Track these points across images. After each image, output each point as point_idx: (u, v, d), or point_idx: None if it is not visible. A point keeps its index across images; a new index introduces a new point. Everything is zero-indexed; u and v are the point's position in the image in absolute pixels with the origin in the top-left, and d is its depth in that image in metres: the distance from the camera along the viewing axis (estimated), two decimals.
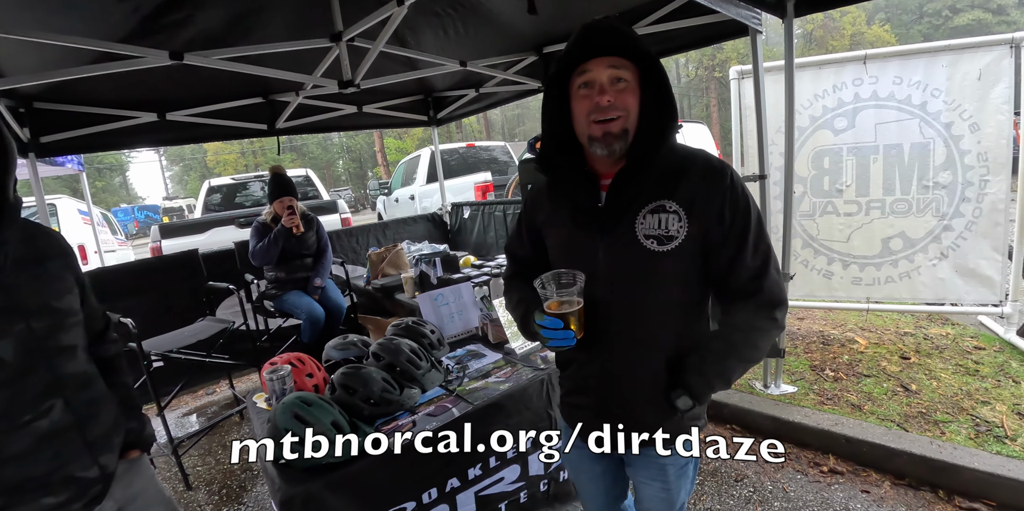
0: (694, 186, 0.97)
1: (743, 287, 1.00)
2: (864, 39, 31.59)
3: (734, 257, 0.98)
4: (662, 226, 0.97)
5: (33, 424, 0.92)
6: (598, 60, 0.95)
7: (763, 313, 1.00)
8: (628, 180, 0.99)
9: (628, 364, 1.07)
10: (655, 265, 0.99)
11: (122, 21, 2.21)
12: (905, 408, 2.50)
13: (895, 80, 3.23)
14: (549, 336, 0.98)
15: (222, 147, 32.04)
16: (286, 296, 3.20)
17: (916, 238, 3.28)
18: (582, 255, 1.04)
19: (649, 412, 1.07)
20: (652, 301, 1.03)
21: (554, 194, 1.12)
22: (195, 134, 3.73)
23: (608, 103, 0.94)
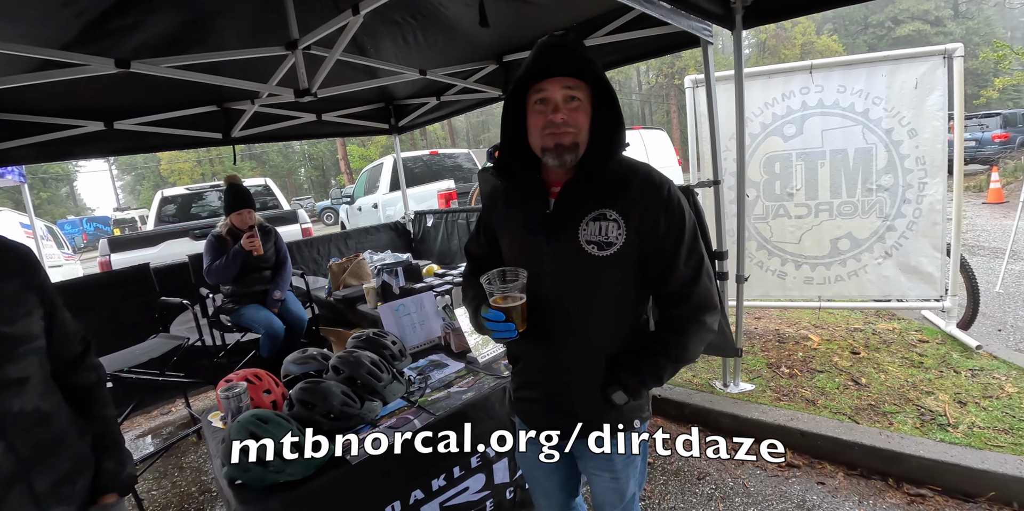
0: (634, 197, 1.05)
1: (676, 292, 1.08)
2: (814, 48, 33.15)
3: (668, 264, 1.06)
4: (602, 233, 1.05)
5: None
6: (554, 80, 1.02)
7: (694, 317, 1.08)
8: (575, 190, 1.07)
9: (571, 360, 1.13)
10: (595, 269, 1.06)
11: (65, 27, 2.12)
12: (856, 401, 2.61)
13: (839, 89, 3.39)
14: (492, 328, 1.05)
15: (177, 155, 30.95)
16: (243, 310, 3.10)
17: (862, 238, 3.44)
18: (530, 257, 1.11)
19: (591, 405, 1.13)
20: (593, 302, 1.10)
21: (508, 200, 1.20)
22: (146, 143, 3.60)
23: (561, 120, 1.02)
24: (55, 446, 0.92)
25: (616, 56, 3.08)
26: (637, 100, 38.15)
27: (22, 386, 0.88)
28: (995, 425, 2.30)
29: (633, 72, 37.52)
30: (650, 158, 7.62)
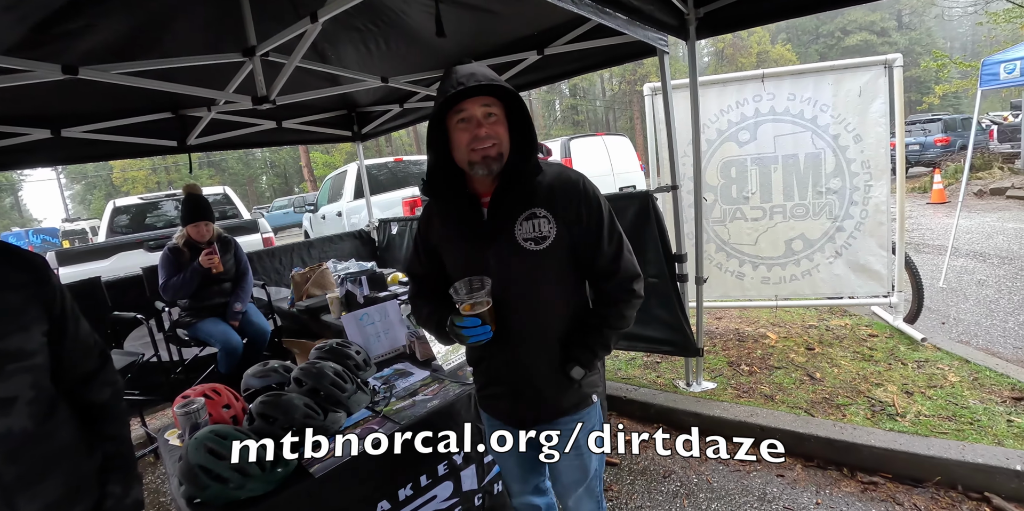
0: (556, 194, 1.19)
1: (605, 269, 1.23)
2: (769, 57, 34.47)
3: (594, 245, 1.21)
4: (536, 229, 1.18)
5: None
6: (472, 100, 1.12)
7: (624, 286, 1.24)
8: (504, 195, 1.19)
9: (530, 351, 1.24)
10: (536, 263, 1.19)
11: (6, 31, 2.03)
12: (811, 395, 2.72)
13: (789, 96, 3.54)
14: (470, 333, 1.14)
15: (130, 163, 29.76)
16: (200, 324, 2.99)
17: (814, 239, 3.58)
18: (475, 264, 1.21)
19: (553, 388, 1.26)
20: (539, 293, 1.22)
21: (442, 216, 1.28)
22: (97, 152, 3.47)
23: (485, 134, 1.13)
24: (44, 471, 0.86)
25: (576, 64, 3.14)
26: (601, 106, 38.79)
27: (9, 407, 0.82)
28: (939, 413, 2.42)
29: (597, 79, 38.16)
30: (613, 164, 7.74)
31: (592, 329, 1.24)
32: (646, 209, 2.62)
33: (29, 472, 0.84)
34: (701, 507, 2.12)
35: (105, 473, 0.97)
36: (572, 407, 1.27)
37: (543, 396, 1.26)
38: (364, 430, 1.61)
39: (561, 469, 1.33)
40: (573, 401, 1.27)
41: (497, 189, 1.19)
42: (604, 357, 1.31)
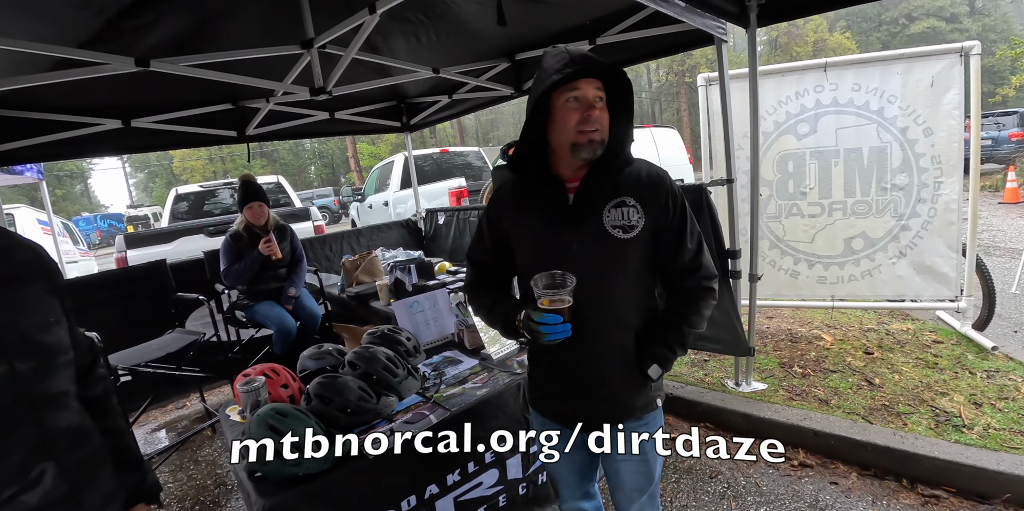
0: (643, 186, 1.18)
1: (687, 265, 1.21)
2: (826, 46, 32.75)
3: (678, 241, 1.19)
4: (625, 217, 1.16)
5: (20, 498, 0.71)
6: (587, 81, 1.10)
7: (704, 284, 1.22)
8: (596, 181, 1.17)
9: (606, 345, 1.20)
10: (622, 251, 1.16)
11: (83, 26, 2.15)
12: (869, 401, 2.60)
13: (854, 87, 3.36)
14: (549, 331, 1.09)
15: (189, 153, 31.18)
16: (257, 306, 3.13)
17: (876, 238, 3.41)
18: (554, 249, 1.18)
19: (624, 387, 1.22)
20: (620, 285, 1.19)
21: (520, 197, 1.24)
22: (162, 141, 3.65)
23: (596, 116, 1.10)
24: (97, 465, 0.86)
25: (628, 54, 3.07)
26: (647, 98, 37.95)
27: (65, 401, 0.81)
28: (1011, 426, 2.27)
29: (643, 70, 37.30)
30: (661, 156, 7.58)
31: (671, 327, 1.21)
32: (699, 203, 2.55)
33: (87, 466, 0.83)
34: (749, 510, 2.06)
35: (116, 464, 0.94)
36: (640, 409, 1.23)
37: (614, 395, 1.22)
38: (415, 415, 1.64)
39: (625, 476, 1.29)
40: (643, 403, 1.24)
41: (588, 174, 1.17)
42: (679, 357, 1.26)
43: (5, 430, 0.72)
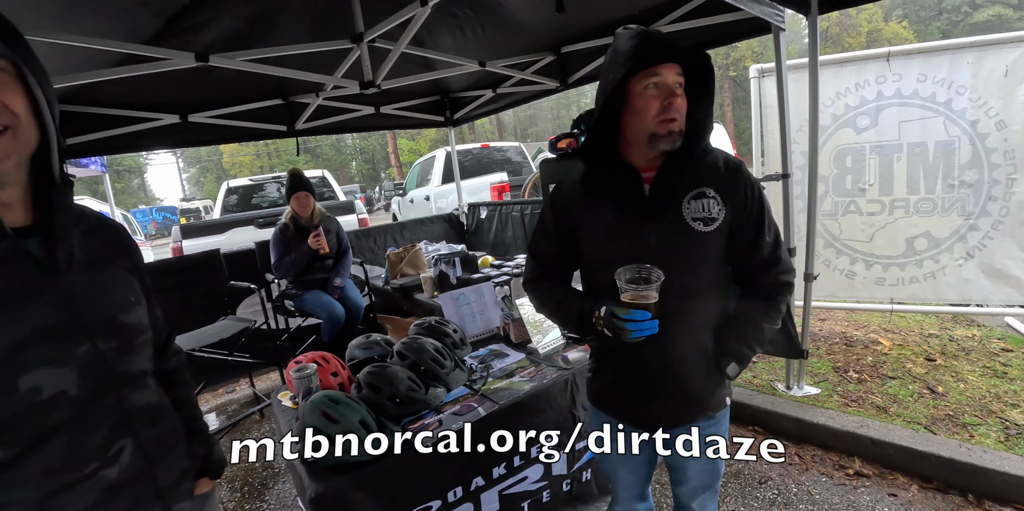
0: (722, 177, 1.12)
1: (765, 259, 1.16)
2: (881, 36, 31.06)
3: (756, 234, 1.14)
4: (705, 209, 1.11)
5: (100, 473, 0.73)
6: (668, 66, 1.03)
7: (781, 279, 1.17)
8: (673, 171, 1.11)
9: (685, 342, 1.15)
10: (703, 245, 1.12)
11: (145, 24, 2.24)
12: (932, 411, 2.46)
13: (919, 77, 3.18)
14: (636, 328, 1.03)
15: (237, 149, 32.40)
16: (306, 295, 3.22)
17: (941, 238, 3.22)
18: (630, 242, 1.12)
19: (701, 386, 1.17)
20: (701, 279, 1.14)
21: (591, 188, 1.17)
22: (216, 135, 3.79)
23: (679, 104, 1.05)
24: (172, 443, 0.88)
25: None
26: None
27: (144, 380, 0.83)
28: None
29: None
30: None
31: (749, 323, 1.16)
32: None
33: (163, 443, 0.85)
34: None
35: (187, 435, 0.95)
36: (712, 408, 1.20)
37: (691, 394, 1.17)
38: (464, 407, 1.64)
39: (692, 474, 1.26)
40: (716, 401, 1.20)
41: (665, 164, 1.11)
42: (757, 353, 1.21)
43: (88, 408, 0.73)
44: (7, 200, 0.71)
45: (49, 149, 0.73)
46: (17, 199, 0.72)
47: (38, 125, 0.70)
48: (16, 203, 0.72)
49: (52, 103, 0.72)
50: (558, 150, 2.64)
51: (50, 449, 0.69)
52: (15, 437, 0.67)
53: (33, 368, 0.67)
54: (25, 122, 0.68)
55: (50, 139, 0.72)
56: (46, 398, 0.68)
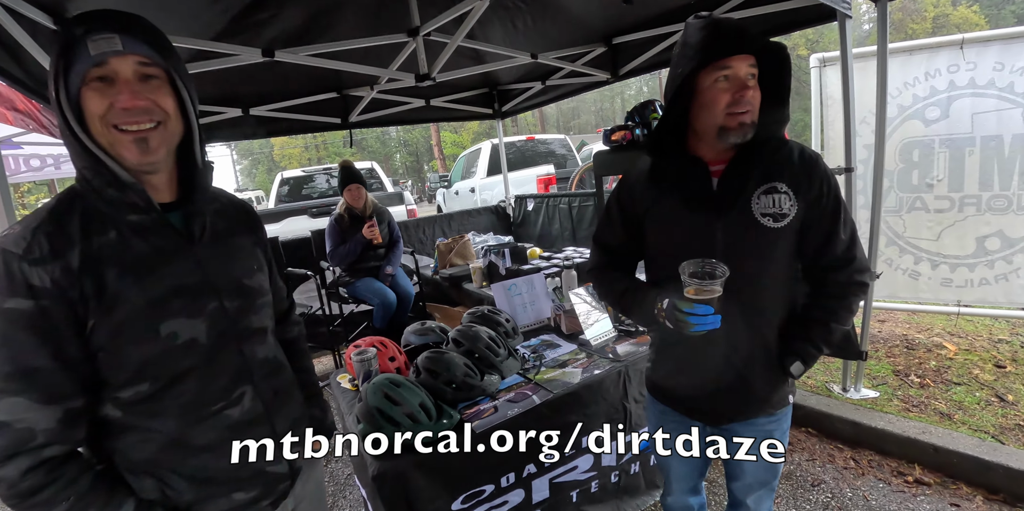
0: (796, 171, 1.09)
1: (840, 257, 1.12)
2: (949, 22, 28.99)
3: (831, 232, 1.11)
4: (776, 205, 1.08)
5: (224, 412, 0.86)
6: (740, 57, 1.01)
7: (855, 278, 1.14)
8: (743, 165, 1.09)
9: (747, 337, 1.14)
10: (771, 241, 1.10)
11: (213, 21, 2.35)
12: (1000, 419, 2.33)
13: (996, 66, 2.98)
14: (698, 322, 1.02)
15: (287, 142, 33.40)
16: (359, 283, 3.33)
17: (1016, 237, 3.02)
18: (697, 236, 1.12)
19: (764, 382, 1.17)
20: (768, 275, 1.13)
21: (658, 180, 1.17)
22: (275, 128, 3.94)
23: (751, 97, 1.03)
24: (288, 393, 0.99)
25: None
26: None
27: (263, 335, 0.94)
28: None
29: None
30: None
31: (817, 323, 1.14)
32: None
33: (278, 394, 0.96)
34: None
35: (307, 399, 1.08)
36: (774, 405, 1.19)
37: (752, 390, 1.16)
38: (518, 395, 1.67)
39: (748, 469, 1.26)
40: (777, 399, 1.19)
41: (736, 157, 1.09)
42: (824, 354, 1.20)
43: (215, 355, 0.85)
44: (156, 183, 0.84)
45: (192, 140, 0.85)
46: (165, 182, 0.85)
47: (183, 121, 0.83)
48: (163, 185, 0.85)
49: (195, 102, 0.84)
50: (612, 142, 2.62)
51: (184, 387, 0.82)
52: (157, 374, 0.80)
53: (172, 317, 0.80)
54: (173, 118, 0.80)
55: (193, 132, 0.84)
56: (181, 343, 0.81)
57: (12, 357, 0.72)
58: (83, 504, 0.75)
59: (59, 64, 0.74)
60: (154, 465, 0.83)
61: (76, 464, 0.77)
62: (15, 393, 0.71)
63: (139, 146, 0.76)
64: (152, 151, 0.78)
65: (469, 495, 1.53)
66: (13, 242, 0.72)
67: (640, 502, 1.99)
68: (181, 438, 0.83)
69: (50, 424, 0.73)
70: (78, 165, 0.78)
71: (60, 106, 0.75)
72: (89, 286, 0.74)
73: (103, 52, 0.72)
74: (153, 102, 0.77)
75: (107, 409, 0.80)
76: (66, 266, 0.73)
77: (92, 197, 0.78)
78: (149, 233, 0.80)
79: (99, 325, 0.75)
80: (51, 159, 5.30)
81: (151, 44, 0.77)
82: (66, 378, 0.74)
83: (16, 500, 0.73)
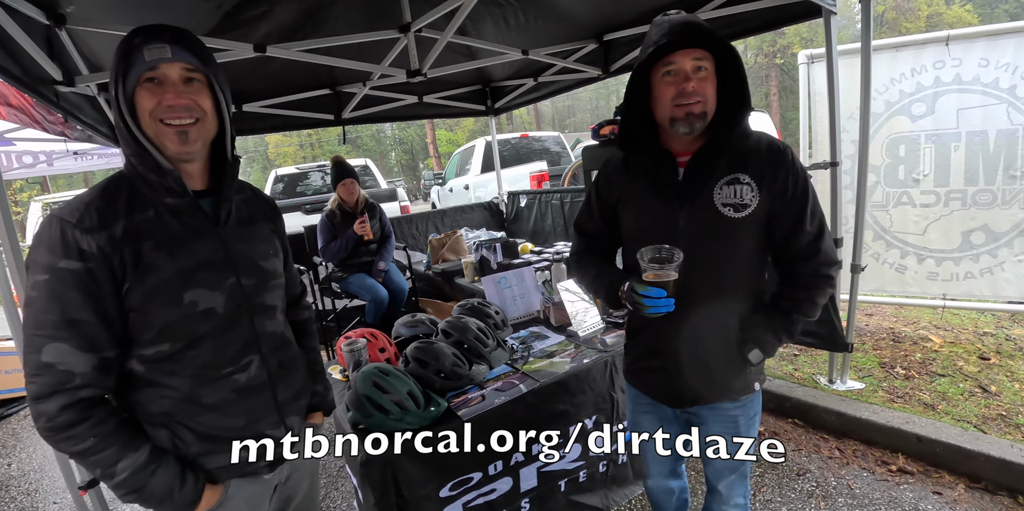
0: (762, 161, 1.12)
1: (804, 249, 1.14)
2: (942, 20, 29.11)
3: (796, 223, 1.13)
4: (737, 195, 1.11)
5: (232, 376, 0.96)
6: (683, 52, 1.05)
7: (821, 271, 1.15)
8: (706, 156, 1.12)
9: (706, 323, 1.17)
10: (731, 231, 1.12)
11: (206, 17, 2.36)
12: (983, 410, 2.38)
13: (981, 62, 3.03)
14: (652, 304, 1.08)
15: (282, 140, 33.30)
16: (351, 278, 3.34)
17: (1001, 232, 3.07)
18: (662, 224, 1.16)
19: (723, 368, 1.20)
20: (728, 264, 1.15)
21: (631, 171, 1.22)
22: (268, 124, 3.94)
23: (692, 89, 1.05)
24: (291, 366, 1.09)
25: (727, 31, 2.92)
26: None
27: (273, 312, 1.05)
28: None
29: None
30: None
31: (779, 312, 1.17)
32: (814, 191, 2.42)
33: (283, 365, 1.06)
34: None
35: (311, 376, 1.19)
36: (737, 391, 1.22)
37: (712, 375, 1.20)
38: (505, 384, 1.70)
39: None
40: (740, 385, 1.22)
41: (701, 148, 1.12)
42: (783, 345, 1.22)
43: (229, 325, 0.96)
44: (191, 171, 0.96)
45: (224, 136, 0.98)
46: (198, 171, 0.98)
47: (218, 119, 0.95)
48: (197, 174, 0.98)
49: (228, 103, 0.98)
50: (601, 137, 2.65)
51: (200, 350, 0.93)
52: (178, 335, 0.91)
53: (194, 287, 0.91)
54: (210, 116, 0.93)
55: (225, 129, 0.97)
56: (200, 311, 0.92)
57: (61, 309, 0.82)
58: (107, 443, 0.85)
59: (119, 67, 0.87)
60: (168, 418, 0.93)
61: (105, 408, 0.88)
62: (61, 340, 0.82)
63: (180, 137, 0.89)
64: (191, 142, 0.90)
65: (457, 482, 1.56)
66: (69, 213, 0.84)
67: (628, 492, 2.02)
68: (193, 396, 0.93)
69: (87, 369, 0.84)
70: (127, 152, 0.91)
71: (118, 102, 0.88)
72: (128, 254, 0.86)
73: (156, 59, 0.86)
74: (194, 101, 0.89)
75: (132, 364, 0.91)
76: (111, 236, 0.85)
77: (137, 181, 0.91)
78: (182, 214, 0.93)
79: (133, 288, 0.87)
80: (44, 155, 5.27)
81: (195, 53, 0.90)
82: (103, 331, 0.86)
83: (50, 433, 0.83)
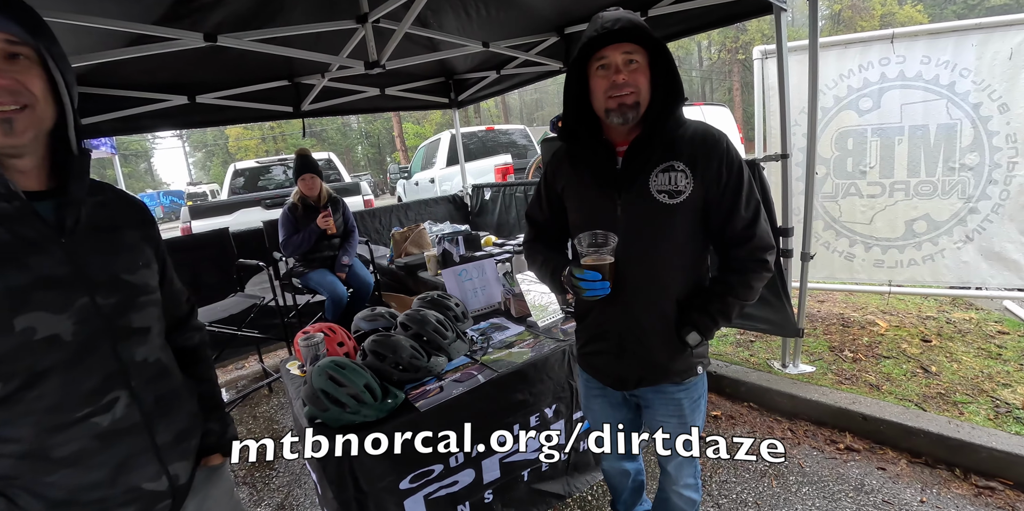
0: (697, 150, 1.15)
1: (739, 234, 1.17)
2: (895, 20, 30.30)
3: (731, 209, 1.16)
4: (672, 182, 1.15)
5: (90, 420, 0.77)
6: (614, 46, 1.10)
7: (756, 256, 1.18)
8: (642, 145, 1.16)
9: (644, 307, 1.21)
10: (666, 217, 1.16)
11: (155, 4, 2.27)
12: (924, 389, 2.51)
13: (923, 60, 3.16)
14: (588, 287, 1.12)
15: (243, 133, 32.34)
16: (311, 274, 3.29)
17: (941, 220, 3.23)
18: (602, 212, 1.20)
19: (662, 350, 1.23)
20: (664, 250, 1.19)
21: (574, 161, 1.27)
22: (225, 116, 3.81)
23: (623, 81, 1.10)
24: (173, 401, 0.90)
25: (681, 26, 2.99)
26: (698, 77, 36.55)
27: (145, 336, 0.86)
28: None
29: (694, 47, 35.85)
30: None
31: (715, 296, 1.20)
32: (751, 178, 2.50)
33: (163, 400, 0.87)
34: (791, 489, 2.05)
35: (204, 411, 1.00)
36: (678, 374, 1.25)
37: (652, 357, 1.24)
38: (464, 375, 1.71)
39: None
40: (681, 368, 1.25)
41: (637, 138, 1.16)
42: (721, 327, 1.26)
43: (82, 354, 0.77)
44: (23, 168, 0.78)
45: (66, 125, 0.79)
46: (32, 168, 0.79)
47: (55, 104, 0.77)
48: (31, 171, 0.79)
49: (71, 85, 0.79)
50: (559, 129, 2.67)
51: (44, 388, 0.74)
52: (11, 372, 0.72)
53: (30, 310, 0.73)
54: (43, 101, 0.75)
55: (67, 116, 0.79)
56: (39, 339, 0.73)
57: None
58: None
59: None
60: (6, 483, 0.74)
61: None
62: None
63: (2, 127, 0.71)
64: (17, 134, 0.72)
65: (417, 475, 1.56)
66: None
67: (590, 478, 2.06)
68: (39, 449, 0.74)
69: None
70: None
71: None
72: None
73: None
74: (19, 82, 0.72)
75: None
76: None
77: None
78: (12, 222, 0.74)
79: None
80: None
81: (19, 21, 0.71)
82: None
83: None
